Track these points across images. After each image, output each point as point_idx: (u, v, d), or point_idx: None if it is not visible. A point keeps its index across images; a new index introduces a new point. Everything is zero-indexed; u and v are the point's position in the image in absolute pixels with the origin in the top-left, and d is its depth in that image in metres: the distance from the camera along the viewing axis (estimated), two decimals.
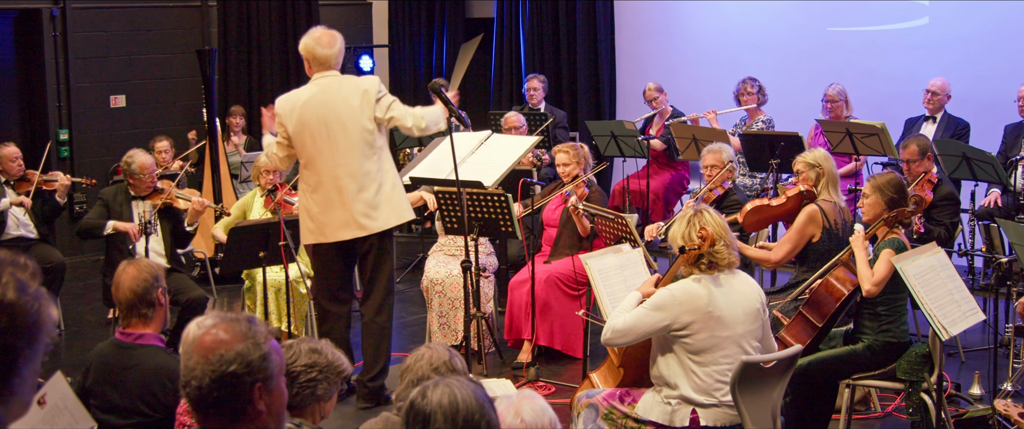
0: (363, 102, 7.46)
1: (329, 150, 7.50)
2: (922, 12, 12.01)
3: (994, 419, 6.66)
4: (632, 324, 5.63)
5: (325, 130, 7.49)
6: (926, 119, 10.77)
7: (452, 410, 3.31)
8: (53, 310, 2.48)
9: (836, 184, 7.83)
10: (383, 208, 7.57)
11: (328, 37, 7.61)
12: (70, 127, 13.06)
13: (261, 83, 14.08)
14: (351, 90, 7.49)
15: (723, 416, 5.65)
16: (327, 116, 7.48)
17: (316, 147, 7.54)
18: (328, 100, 7.49)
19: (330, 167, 7.52)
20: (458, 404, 3.32)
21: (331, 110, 7.47)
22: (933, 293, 6.28)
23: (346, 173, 7.50)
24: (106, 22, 13.37)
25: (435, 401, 3.32)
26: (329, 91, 7.51)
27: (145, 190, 9.06)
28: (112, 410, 5.25)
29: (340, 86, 7.52)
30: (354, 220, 7.56)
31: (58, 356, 9.15)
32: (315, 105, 7.51)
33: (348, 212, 7.54)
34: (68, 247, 12.25)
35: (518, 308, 8.86)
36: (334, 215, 7.58)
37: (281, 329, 8.82)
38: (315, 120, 7.50)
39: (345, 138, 7.47)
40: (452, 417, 3.30)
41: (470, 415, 3.31)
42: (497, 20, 14.56)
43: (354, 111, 7.45)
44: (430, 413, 3.31)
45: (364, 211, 7.54)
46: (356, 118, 7.46)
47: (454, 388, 3.35)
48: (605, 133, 11.61)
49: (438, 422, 3.30)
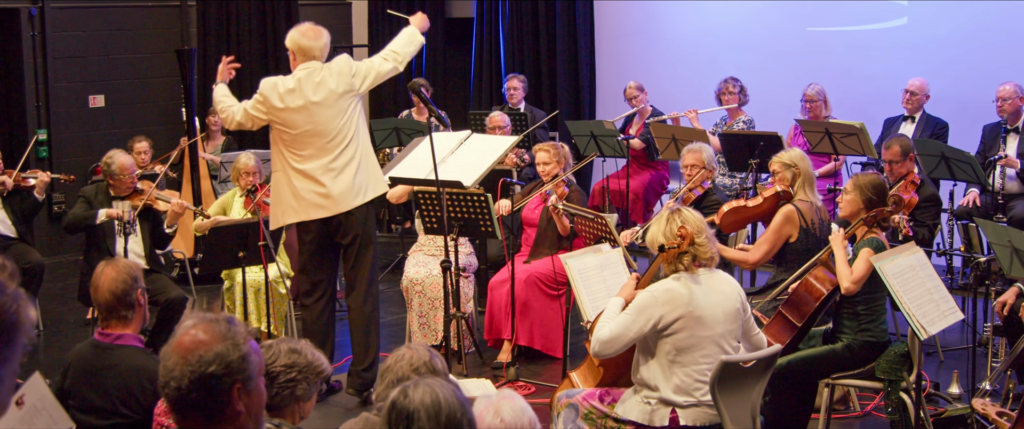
0: (341, 83, 7.65)
1: (313, 137, 7.63)
2: (901, 12, 12.05)
3: (973, 418, 6.68)
4: (618, 333, 5.63)
5: (308, 119, 7.61)
6: (905, 119, 10.80)
7: (434, 409, 3.31)
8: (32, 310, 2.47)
9: (812, 184, 7.85)
10: (361, 185, 7.72)
11: (314, 30, 7.78)
12: (49, 127, 13.01)
13: (241, 83, 14.01)
14: (329, 74, 7.66)
15: (703, 416, 5.66)
16: (309, 100, 7.61)
17: (299, 133, 7.66)
18: (310, 86, 7.63)
19: (312, 151, 7.66)
20: (441, 403, 3.32)
21: (313, 95, 7.61)
22: (912, 292, 6.30)
23: (331, 154, 7.64)
24: (85, 22, 13.32)
25: (417, 400, 3.32)
26: (311, 78, 7.65)
27: (125, 190, 9.03)
28: (91, 411, 5.23)
29: (319, 75, 7.67)
30: (330, 200, 7.67)
31: (37, 356, 9.11)
32: (298, 91, 7.64)
33: (328, 193, 7.66)
34: (47, 247, 12.21)
35: (498, 308, 8.86)
36: (314, 196, 7.68)
37: (261, 329, 8.81)
38: (301, 110, 7.63)
39: (331, 120, 7.62)
40: (435, 416, 3.30)
41: (453, 414, 3.31)
42: (477, 20, 14.56)
43: (334, 95, 7.63)
44: (413, 412, 3.31)
45: (343, 190, 7.66)
46: (337, 109, 7.62)
47: (435, 387, 3.35)
48: (585, 133, 11.61)
49: (421, 421, 3.29)
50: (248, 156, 9.57)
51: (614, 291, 6.45)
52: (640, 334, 5.62)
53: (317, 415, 7.31)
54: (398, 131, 11.81)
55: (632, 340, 5.65)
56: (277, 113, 7.68)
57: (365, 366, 7.87)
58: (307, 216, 7.75)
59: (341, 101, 7.62)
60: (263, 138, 13.43)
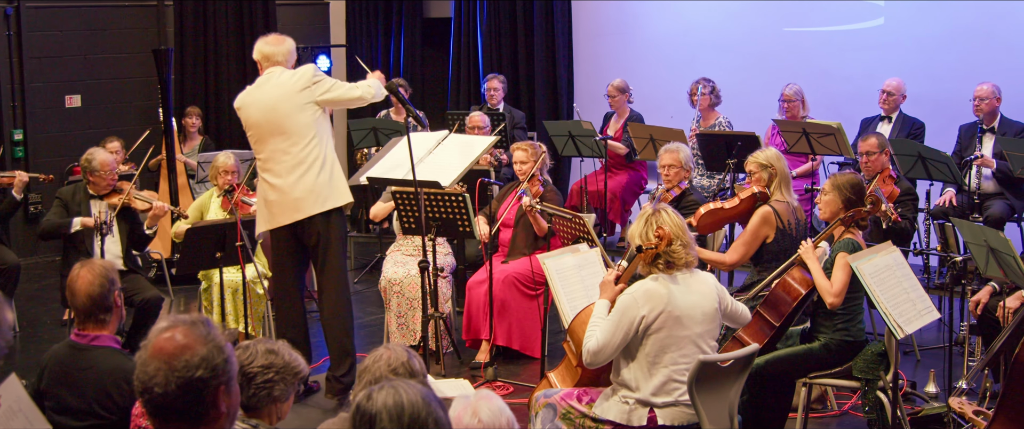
0: (300, 88, 7.67)
1: (271, 137, 7.71)
2: (877, 12, 12.09)
3: (949, 417, 6.70)
4: (605, 340, 5.64)
5: (267, 118, 7.70)
6: (882, 119, 10.83)
7: (397, 410, 3.29)
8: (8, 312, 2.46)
9: (788, 184, 7.86)
10: (321, 191, 7.71)
11: (276, 37, 7.95)
12: (25, 127, 12.95)
13: (218, 83, 14.00)
14: (289, 78, 7.72)
15: (681, 415, 5.67)
16: (269, 105, 7.70)
17: (260, 134, 7.77)
18: (271, 90, 7.73)
19: (273, 153, 7.73)
20: (404, 404, 3.30)
21: (272, 99, 7.69)
22: (888, 292, 6.32)
23: (287, 158, 7.67)
24: (61, 21, 13.26)
25: (380, 402, 3.31)
26: (271, 82, 7.75)
27: (105, 189, 9.00)
28: (67, 412, 5.21)
29: (280, 75, 7.76)
30: (293, 204, 7.70)
31: (13, 358, 9.07)
32: (259, 95, 7.76)
33: (289, 197, 7.69)
34: (23, 248, 12.15)
35: (477, 308, 8.86)
36: (278, 200, 7.73)
37: (239, 330, 8.79)
38: (259, 109, 7.73)
39: (285, 123, 7.67)
40: (397, 417, 3.29)
41: (416, 415, 3.30)
42: (454, 20, 14.54)
43: (292, 98, 7.66)
44: (375, 414, 3.30)
45: (304, 194, 7.67)
46: (294, 105, 7.66)
47: (400, 389, 3.34)
48: (563, 133, 11.61)
49: (383, 422, 3.28)
50: (227, 155, 9.55)
51: (592, 291, 6.47)
52: (627, 337, 5.62)
53: (294, 416, 7.27)
54: (376, 131, 11.79)
55: (620, 345, 5.64)
56: (242, 113, 7.82)
57: (343, 371, 7.85)
58: (277, 223, 7.81)
59: (298, 97, 7.64)
60: (241, 138, 13.45)
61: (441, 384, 6.36)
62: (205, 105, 13.70)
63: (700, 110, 11.49)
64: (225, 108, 13.73)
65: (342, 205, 7.86)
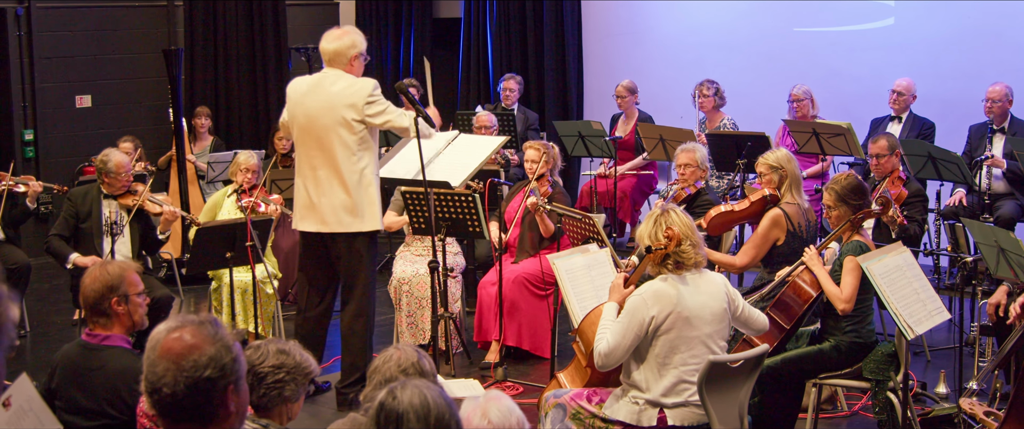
0: (353, 102, 7.42)
1: (311, 141, 7.54)
2: (888, 13, 12.07)
3: (960, 417, 6.69)
4: (616, 342, 5.64)
5: (308, 123, 7.53)
6: (892, 119, 10.81)
7: (424, 410, 3.31)
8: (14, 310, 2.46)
9: (799, 186, 7.85)
10: (346, 213, 7.54)
11: (336, 32, 7.65)
12: (35, 128, 12.98)
13: (228, 83, 14.00)
14: (342, 90, 7.47)
15: (690, 416, 5.67)
16: (312, 114, 7.51)
17: (298, 136, 7.62)
18: (322, 93, 7.51)
19: (309, 157, 7.57)
20: (429, 404, 3.32)
21: (320, 104, 7.49)
22: (899, 292, 6.31)
23: (321, 167, 7.52)
24: (72, 22, 13.28)
25: (406, 401, 3.32)
26: (324, 85, 7.54)
27: (119, 189, 8.96)
28: (78, 412, 5.22)
29: (335, 84, 7.51)
30: (318, 214, 7.58)
31: (24, 357, 9.09)
32: (310, 95, 7.56)
33: (315, 205, 7.57)
34: (34, 248, 12.15)
35: (487, 309, 8.85)
36: (305, 204, 7.63)
37: (248, 330, 8.80)
38: (303, 113, 7.56)
39: (326, 134, 7.47)
40: (424, 417, 3.30)
41: (441, 415, 3.31)
42: (464, 20, 14.54)
43: (336, 112, 7.43)
44: (403, 413, 3.31)
45: (330, 209, 7.53)
46: (340, 117, 7.42)
47: (423, 389, 3.36)
48: (572, 133, 11.61)
49: (411, 422, 3.29)
50: (250, 155, 9.55)
51: (602, 291, 6.46)
52: (637, 338, 5.62)
53: (305, 416, 7.29)
54: (386, 132, 11.77)
55: (631, 346, 5.64)
56: (289, 103, 7.65)
57: (348, 383, 7.77)
58: (300, 225, 7.71)
59: (343, 112, 7.38)
60: (252, 137, 13.46)
61: (451, 384, 6.37)
62: (215, 105, 13.69)
63: (705, 112, 11.47)
64: (235, 108, 13.75)
65: (367, 231, 7.62)
